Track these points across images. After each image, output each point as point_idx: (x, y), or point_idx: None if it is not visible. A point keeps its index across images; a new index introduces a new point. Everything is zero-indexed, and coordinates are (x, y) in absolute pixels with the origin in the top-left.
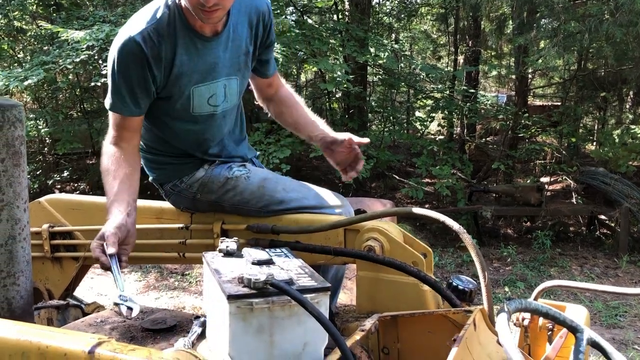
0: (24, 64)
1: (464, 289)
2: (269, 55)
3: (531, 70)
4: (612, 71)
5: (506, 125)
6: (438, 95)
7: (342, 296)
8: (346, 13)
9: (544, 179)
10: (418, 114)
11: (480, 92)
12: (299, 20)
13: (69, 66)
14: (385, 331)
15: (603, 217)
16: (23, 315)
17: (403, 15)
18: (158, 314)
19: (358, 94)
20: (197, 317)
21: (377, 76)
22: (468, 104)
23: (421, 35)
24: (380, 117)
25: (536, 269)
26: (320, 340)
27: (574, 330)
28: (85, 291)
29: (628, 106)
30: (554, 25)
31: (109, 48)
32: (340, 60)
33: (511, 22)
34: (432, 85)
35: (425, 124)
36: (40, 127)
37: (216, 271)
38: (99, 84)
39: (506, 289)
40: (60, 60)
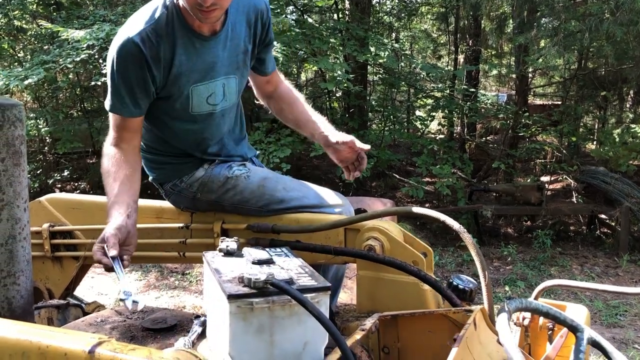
0: (24, 63)
1: (465, 289)
2: (267, 54)
3: (531, 69)
4: (613, 70)
5: (506, 124)
6: (438, 94)
7: (343, 295)
8: (346, 12)
9: (544, 178)
10: (418, 113)
11: (481, 92)
12: (299, 20)
13: (69, 65)
14: (386, 330)
15: (603, 217)
16: (23, 314)
17: (403, 15)
18: (158, 313)
19: (358, 93)
20: (198, 317)
21: (378, 75)
22: (468, 103)
23: (421, 35)
24: (380, 117)
25: (536, 268)
26: (321, 340)
27: (574, 329)
28: (85, 290)
29: (628, 105)
30: (555, 24)
31: (109, 47)
32: (341, 59)
33: (511, 21)
34: (433, 84)
35: (426, 123)
36: (40, 127)
37: (216, 271)
38: (99, 83)
39: (506, 289)
40: (60, 60)
